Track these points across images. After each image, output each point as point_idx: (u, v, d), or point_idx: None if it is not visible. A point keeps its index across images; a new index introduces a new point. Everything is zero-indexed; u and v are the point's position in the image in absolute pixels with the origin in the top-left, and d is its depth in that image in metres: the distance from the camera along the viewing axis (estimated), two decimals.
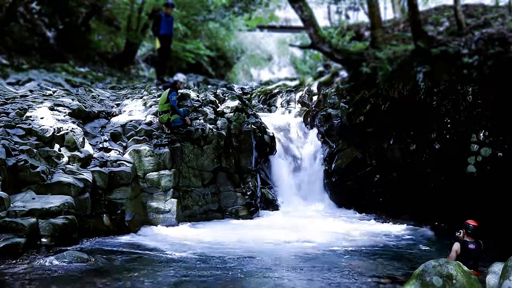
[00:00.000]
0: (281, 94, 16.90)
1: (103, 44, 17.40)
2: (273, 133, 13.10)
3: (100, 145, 9.99)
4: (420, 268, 5.02)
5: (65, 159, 8.96)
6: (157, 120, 10.85)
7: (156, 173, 10.05)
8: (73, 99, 10.73)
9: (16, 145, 8.37)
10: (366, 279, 6.25)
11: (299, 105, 15.41)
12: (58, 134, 9.22)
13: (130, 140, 10.43)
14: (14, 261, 6.36)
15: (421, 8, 13.64)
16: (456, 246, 6.53)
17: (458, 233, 6.71)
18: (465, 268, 5.11)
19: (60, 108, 10.09)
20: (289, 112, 15.60)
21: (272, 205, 11.92)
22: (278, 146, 13.10)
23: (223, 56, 20.98)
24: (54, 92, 11.15)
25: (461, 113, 10.43)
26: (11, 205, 7.27)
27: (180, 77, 10.96)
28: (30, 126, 9.02)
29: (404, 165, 11.40)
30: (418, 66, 10.88)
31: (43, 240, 7.11)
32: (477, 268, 6.26)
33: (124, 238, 8.59)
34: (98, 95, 12.21)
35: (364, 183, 12.05)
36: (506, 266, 5.02)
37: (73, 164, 9.01)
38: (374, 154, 12.05)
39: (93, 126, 10.55)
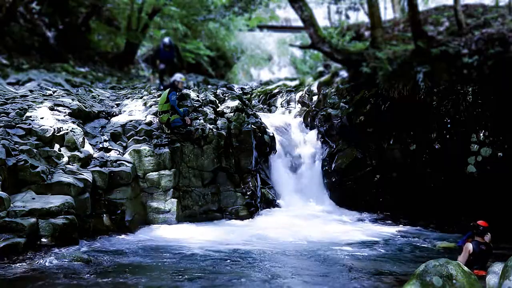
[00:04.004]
0: (281, 94, 16.89)
1: (103, 44, 17.42)
2: (273, 133, 13.09)
3: (100, 145, 9.99)
4: (421, 268, 5.01)
5: (65, 159, 8.96)
6: (157, 120, 10.85)
7: (156, 173, 10.05)
8: (73, 99, 10.73)
9: (16, 145, 8.37)
10: (366, 279, 6.25)
11: (299, 105, 15.40)
12: (58, 134, 9.21)
13: (130, 140, 10.43)
14: (14, 261, 6.35)
15: (421, 8, 13.65)
16: (469, 247, 6.47)
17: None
18: (465, 268, 5.11)
19: (60, 108, 10.09)
20: (289, 112, 15.58)
21: (272, 205, 11.90)
22: (278, 146, 13.09)
23: (223, 56, 21.01)
24: (54, 92, 11.15)
25: (461, 113, 10.44)
26: (11, 205, 7.26)
27: (177, 76, 11.01)
28: (30, 126, 9.02)
29: (404, 165, 11.40)
30: (418, 66, 10.89)
31: (43, 240, 7.10)
32: (485, 268, 6.23)
33: (124, 238, 8.58)
34: (98, 95, 12.21)
35: (364, 183, 12.04)
36: (506, 266, 5.02)
37: (73, 164, 9.00)
38: (374, 154, 12.05)
39: (93, 126, 10.54)
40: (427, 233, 9.92)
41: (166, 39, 13.46)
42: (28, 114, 9.45)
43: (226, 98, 12.55)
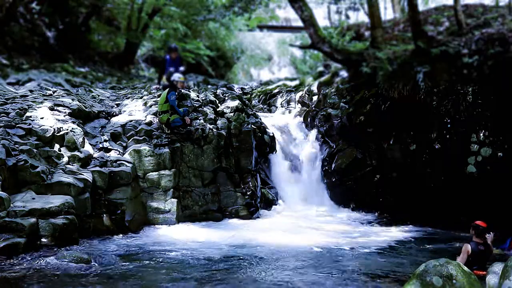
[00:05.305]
0: (281, 94, 16.88)
1: (103, 44, 17.43)
2: (273, 133, 13.09)
3: (100, 145, 9.99)
4: (421, 268, 5.01)
5: (65, 159, 8.96)
6: (157, 120, 10.86)
7: (156, 173, 10.05)
8: (73, 99, 10.73)
9: (16, 145, 8.37)
10: (366, 279, 6.25)
11: (299, 105, 15.40)
12: (58, 134, 9.22)
13: (130, 140, 10.43)
14: (14, 261, 6.35)
15: (421, 8, 13.65)
16: (468, 247, 6.46)
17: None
18: (465, 268, 5.10)
19: (60, 108, 10.09)
20: (289, 112, 15.57)
21: (272, 205, 11.90)
22: (278, 146, 13.09)
23: (223, 56, 21.01)
24: (54, 92, 11.15)
25: (461, 113, 10.44)
26: (11, 205, 7.26)
27: (176, 76, 11.02)
28: (30, 126, 9.02)
29: (404, 165, 11.40)
30: (418, 66, 10.88)
31: (43, 240, 7.10)
32: (484, 268, 6.22)
33: (124, 238, 8.58)
34: (98, 95, 12.21)
35: (364, 183, 12.04)
36: (506, 266, 5.02)
37: (73, 164, 9.00)
38: (374, 154, 12.05)
39: (93, 126, 10.54)
40: (427, 233, 9.93)
41: (172, 45, 13.31)
42: (28, 114, 9.45)
43: (226, 98, 12.55)
